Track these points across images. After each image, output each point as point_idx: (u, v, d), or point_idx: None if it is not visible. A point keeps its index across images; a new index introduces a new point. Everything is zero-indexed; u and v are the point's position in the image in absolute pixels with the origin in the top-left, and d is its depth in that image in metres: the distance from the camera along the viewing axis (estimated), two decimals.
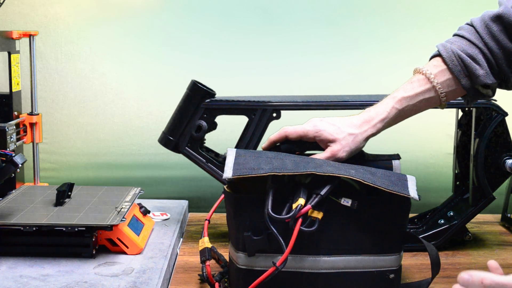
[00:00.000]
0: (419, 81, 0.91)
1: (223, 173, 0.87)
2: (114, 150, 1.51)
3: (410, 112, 0.93)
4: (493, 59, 0.90)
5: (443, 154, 1.45)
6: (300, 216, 0.80)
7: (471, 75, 0.89)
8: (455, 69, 0.90)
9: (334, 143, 0.91)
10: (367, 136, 0.92)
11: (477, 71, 0.89)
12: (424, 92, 0.91)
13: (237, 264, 0.88)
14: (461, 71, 0.90)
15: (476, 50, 0.90)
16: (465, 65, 0.89)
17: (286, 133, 0.94)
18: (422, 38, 1.45)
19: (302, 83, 1.48)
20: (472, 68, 0.89)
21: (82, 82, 1.49)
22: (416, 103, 0.91)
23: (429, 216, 1.20)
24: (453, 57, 0.90)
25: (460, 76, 0.90)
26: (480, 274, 0.63)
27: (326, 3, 1.48)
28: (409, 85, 0.92)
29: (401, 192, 0.84)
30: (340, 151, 0.90)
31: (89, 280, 0.92)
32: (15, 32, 1.24)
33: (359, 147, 0.92)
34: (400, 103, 0.91)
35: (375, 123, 0.91)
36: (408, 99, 0.91)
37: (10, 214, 1.03)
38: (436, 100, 0.92)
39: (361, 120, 0.92)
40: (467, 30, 0.92)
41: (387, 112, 0.91)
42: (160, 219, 1.24)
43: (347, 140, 0.91)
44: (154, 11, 1.48)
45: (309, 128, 0.93)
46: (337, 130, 0.91)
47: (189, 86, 1.13)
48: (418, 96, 0.91)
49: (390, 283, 0.88)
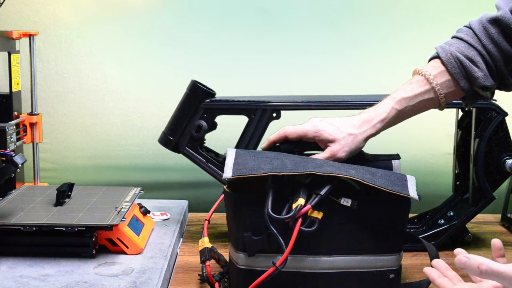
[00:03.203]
0: (419, 82, 0.92)
1: (223, 173, 0.87)
2: (114, 150, 1.51)
3: (410, 113, 0.93)
4: (491, 61, 0.90)
5: (443, 154, 1.45)
6: (300, 216, 0.80)
7: (469, 77, 0.90)
8: (454, 71, 0.90)
9: (334, 143, 0.91)
10: (366, 137, 0.92)
11: (476, 73, 0.89)
12: (424, 93, 0.91)
13: (237, 264, 0.88)
14: (459, 73, 0.90)
15: (475, 52, 0.90)
16: (464, 68, 0.90)
17: (286, 133, 0.94)
18: (422, 38, 1.45)
19: (302, 83, 1.48)
20: (470, 71, 0.89)
21: (82, 82, 1.49)
22: (416, 104, 0.92)
23: (429, 216, 1.20)
24: (451, 60, 0.90)
25: (459, 79, 0.90)
26: (478, 259, 0.63)
27: (326, 3, 1.48)
28: (408, 86, 0.92)
29: (400, 192, 0.84)
30: (340, 151, 0.91)
31: (89, 280, 0.92)
32: (15, 32, 1.24)
33: (359, 147, 0.92)
34: (400, 103, 0.91)
35: (374, 124, 0.91)
36: (408, 99, 0.91)
37: (10, 214, 1.03)
38: (435, 101, 0.92)
39: (360, 121, 0.92)
40: (465, 33, 0.92)
41: (387, 112, 0.91)
42: (160, 219, 1.24)
43: (347, 140, 0.91)
44: (154, 11, 1.48)
45: (308, 128, 0.93)
46: (336, 130, 0.91)
47: (189, 86, 1.13)
48: (418, 97, 0.91)
49: (390, 283, 0.88)
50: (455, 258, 0.65)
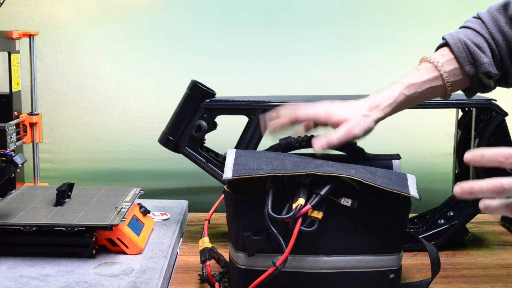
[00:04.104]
0: (427, 69, 0.92)
1: (223, 174, 0.87)
2: (114, 150, 1.51)
3: (417, 99, 0.93)
4: (497, 50, 0.91)
5: (443, 154, 1.45)
6: (300, 216, 0.80)
7: (475, 62, 0.91)
8: (460, 55, 0.91)
9: (348, 122, 0.91)
10: (377, 118, 0.92)
11: (482, 58, 0.90)
12: (432, 80, 0.92)
13: (237, 264, 0.88)
14: (466, 57, 0.91)
15: (482, 39, 0.91)
16: (470, 52, 0.90)
17: (297, 116, 0.93)
18: (422, 38, 1.45)
19: (302, 83, 1.48)
20: (477, 56, 0.90)
21: (82, 82, 1.49)
22: (423, 91, 0.92)
23: (429, 216, 1.20)
24: (459, 44, 0.91)
25: (465, 63, 0.91)
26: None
27: (326, 3, 1.48)
28: (416, 72, 0.93)
29: (401, 191, 0.84)
30: (355, 128, 0.90)
31: (89, 280, 0.92)
32: (15, 32, 1.24)
33: (371, 127, 0.92)
34: (408, 89, 0.92)
35: (383, 107, 0.92)
36: (416, 86, 0.92)
37: (10, 214, 1.03)
38: (442, 88, 0.93)
39: (369, 103, 0.92)
40: (473, 22, 0.94)
41: (395, 97, 0.92)
42: (160, 219, 1.24)
43: (360, 119, 0.91)
44: (154, 11, 1.48)
45: (320, 111, 0.93)
46: (349, 110, 0.92)
47: (189, 86, 1.13)
48: (426, 84, 0.92)
49: (390, 283, 0.88)
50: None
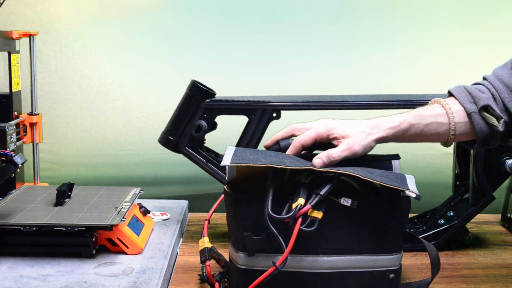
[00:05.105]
0: (434, 107, 0.95)
1: (222, 162, 0.87)
2: (114, 150, 1.51)
3: (421, 132, 0.94)
4: (496, 93, 0.93)
5: (443, 154, 1.45)
6: (300, 216, 0.80)
7: (474, 99, 0.93)
8: (459, 95, 0.94)
9: (348, 138, 0.91)
10: (378, 138, 0.92)
11: (480, 95, 0.93)
12: (437, 116, 0.93)
13: (237, 264, 0.88)
14: (465, 97, 0.93)
15: (481, 86, 0.95)
16: (469, 92, 0.94)
17: (301, 142, 0.93)
18: (422, 38, 1.45)
19: (302, 83, 1.48)
20: (475, 93, 0.93)
21: (82, 82, 1.49)
22: (428, 124, 0.93)
23: (429, 216, 1.20)
24: (459, 88, 0.95)
25: (465, 102, 0.93)
26: None
27: (326, 3, 1.48)
28: (424, 107, 0.96)
29: (400, 187, 0.84)
30: (356, 144, 0.90)
31: (89, 280, 0.92)
32: (15, 32, 1.24)
33: (371, 146, 0.92)
34: (414, 118, 0.93)
35: (385, 128, 0.92)
36: (422, 117, 0.93)
37: (10, 214, 1.03)
38: (446, 127, 0.93)
39: (372, 123, 0.93)
40: (476, 81, 0.98)
41: (400, 122, 0.92)
42: (160, 219, 1.24)
43: (361, 136, 0.91)
44: (154, 11, 1.48)
45: (321, 129, 0.93)
46: (349, 127, 0.92)
47: (189, 86, 1.13)
48: (431, 117, 0.93)
49: (390, 283, 0.88)
50: None
